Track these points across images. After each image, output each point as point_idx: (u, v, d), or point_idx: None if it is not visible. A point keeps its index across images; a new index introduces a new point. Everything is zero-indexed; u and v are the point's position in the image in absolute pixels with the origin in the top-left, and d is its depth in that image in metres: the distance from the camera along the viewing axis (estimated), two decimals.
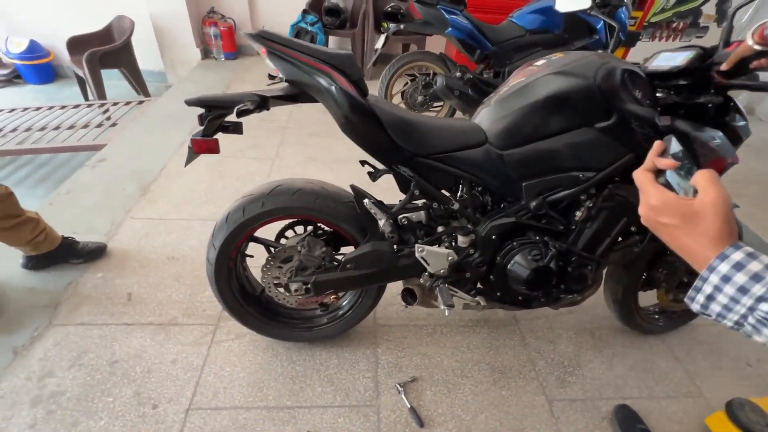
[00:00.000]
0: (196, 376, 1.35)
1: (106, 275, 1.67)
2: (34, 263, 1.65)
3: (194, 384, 1.33)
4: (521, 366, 1.49)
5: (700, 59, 1.02)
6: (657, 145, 0.54)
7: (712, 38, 4.37)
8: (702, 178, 0.47)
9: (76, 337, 1.43)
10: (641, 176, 0.53)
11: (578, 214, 1.15)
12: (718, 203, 0.45)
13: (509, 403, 1.37)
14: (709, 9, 4.26)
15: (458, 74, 2.51)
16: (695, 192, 0.48)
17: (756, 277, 0.42)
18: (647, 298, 1.58)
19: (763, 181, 2.98)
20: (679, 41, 4.44)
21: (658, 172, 0.52)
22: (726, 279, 0.44)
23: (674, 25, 4.33)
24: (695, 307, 0.48)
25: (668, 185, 0.50)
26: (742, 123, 1.11)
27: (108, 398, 1.27)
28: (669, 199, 0.48)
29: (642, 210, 0.52)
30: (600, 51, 1.89)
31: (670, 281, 1.40)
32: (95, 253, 1.72)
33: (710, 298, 0.46)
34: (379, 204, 1.15)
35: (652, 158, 0.53)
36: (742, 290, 0.43)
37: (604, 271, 1.42)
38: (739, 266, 0.43)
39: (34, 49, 4.01)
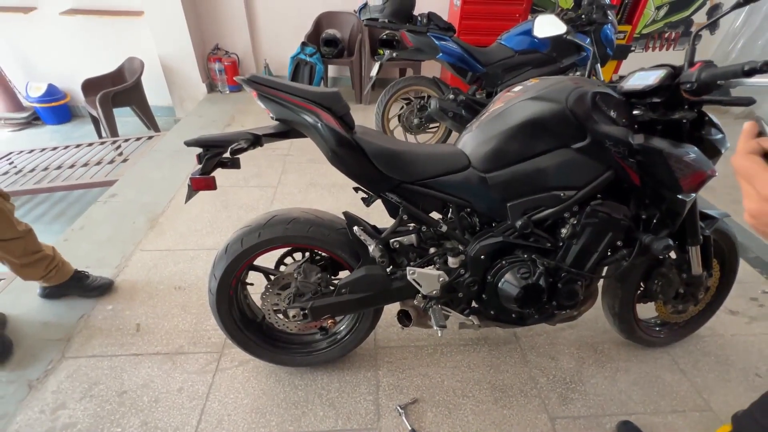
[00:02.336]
0: (201, 404, 1.38)
1: (116, 307, 1.74)
2: (49, 293, 1.75)
3: (199, 412, 1.36)
4: (522, 384, 1.49)
5: (670, 77, 1.06)
6: (749, 126, 0.44)
7: (704, 45, 4.41)
8: None
9: (88, 369, 1.48)
10: (746, 161, 0.40)
11: (563, 231, 1.18)
12: None
13: (511, 422, 1.36)
14: (700, 18, 4.32)
15: (451, 96, 2.59)
16: None
17: None
18: (650, 311, 1.58)
19: None
20: (672, 50, 4.50)
21: (766, 158, 0.41)
22: None
23: (666, 35, 4.40)
24: None
25: None
26: (718, 136, 1.14)
27: (117, 429, 1.31)
28: None
29: (751, 203, 0.39)
30: (577, 74, 1.94)
31: (666, 293, 1.40)
32: (102, 289, 1.79)
33: None
34: (368, 230, 1.20)
35: (751, 140, 0.42)
36: None
37: (600, 285, 1.44)
38: None
39: (52, 92, 4.25)
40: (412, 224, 1.23)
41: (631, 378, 1.52)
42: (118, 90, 3.64)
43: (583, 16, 2.54)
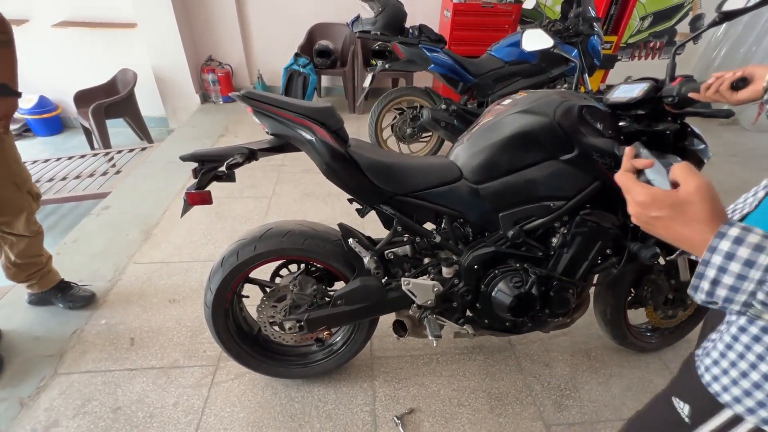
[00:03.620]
0: (196, 419, 1.37)
1: (110, 321, 1.72)
2: (34, 300, 1.76)
3: (195, 427, 1.35)
4: (518, 391, 1.50)
5: (654, 90, 1.10)
6: (629, 150, 0.57)
7: (688, 54, 4.53)
8: (680, 170, 0.49)
9: (81, 385, 1.47)
10: (623, 177, 0.54)
11: (554, 240, 1.20)
12: (701, 189, 0.46)
13: (507, 431, 1.37)
14: (683, 28, 4.45)
15: (443, 106, 2.63)
16: (674, 187, 0.50)
17: (759, 248, 0.42)
18: (641, 317, 1.60)
19: (751, 188, 3.02)
20: (657, 59, 4.61)
21: (637, 174, 0.54)
22: (730, 256, 0.43)
23: (651, 44, 4.52)
24: (700, 297, 0.47)
25: (649, 183, 0.52)
26: (701, 146, 1.18)
27: None
28: (656, 193, 0.49)
29: (631, 209, 0.52)
30: (565, 85, 2.00)
31: (656, 298, 1.43)
32: (84, 300, 1.78)
33: (715, 282, 0.45)
34: (363, 242, 1.21)
35: (628, 161, 0.55)
36: (749, 264, 0.42)
37: (592, 292, 1.46)
38: (739, 240, 0.43)
39: (43, 104, 4.23)
40: (407, 235, 1.25)
41: (624, 383, 1.54)
42: (111, 101, 3.63)
43: (570, 28, 2.61)
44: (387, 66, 2.68)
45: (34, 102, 4.17)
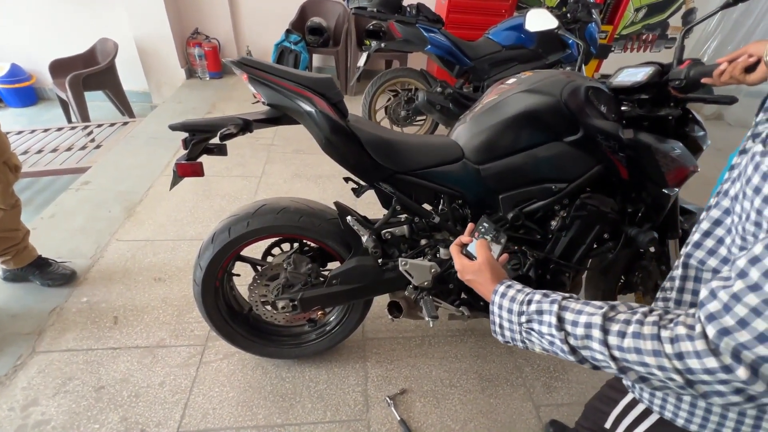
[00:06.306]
0: (184, 398, 1.34)
1: (91, 299, 1.66)
2: (9, 276, 1.69)
3: (183, 406, 1.32)
4: (508, 373, 1.52)
5: (658, 75, 1.09)
6: (469, 226, 0.79)
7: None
8: (476, 247, 0.71)
9: (61, 363, 1.41)
10: (452, 249, 0.75)
11: (553, 223, 1.20)
12: (484, 261, 0.68)
13: (497, 411, 1.39)
14: (676, 21, 4.48)
15: (439, 89, 2.58)
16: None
17: (512, 299, 0.59)
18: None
19: None
20: (649, 52, 4.64)
21: (463, 246, 0.75)
22: (500, 306, 0.60)
23: (644, 36, 4.54)
24: (500, 339, 0.62)
25: (469, 254, 0.73)
26: (701, 133, 1.18)
27: (94, 425, 1.25)
28: (464, 264, 0.71)
29: (459, 274, 0.72)
30: (568, 69, 1.98)
31: (646, 284, 1.45)
32: (64, 278, 1.70)
33: (501, 327, 0.60)
34: (361, 221, 1.18)
35: (461, 236, 0.77)
36: (510, 311, 0.58)
37: (584, 276, 1.48)
38: (503, 295, 0.60)
39: (15, 73, 3.99)
40: (404, 215, 1.22)
41: None
42: (89, 72, 3.45)
43: (568, 15, 2.58)
44: (383, 45, 2.60)
45: (6, 70, 3.93)
